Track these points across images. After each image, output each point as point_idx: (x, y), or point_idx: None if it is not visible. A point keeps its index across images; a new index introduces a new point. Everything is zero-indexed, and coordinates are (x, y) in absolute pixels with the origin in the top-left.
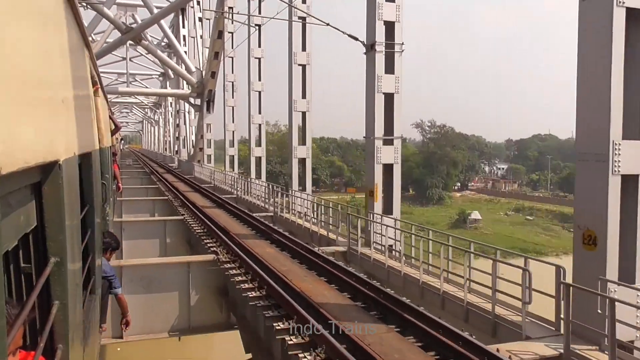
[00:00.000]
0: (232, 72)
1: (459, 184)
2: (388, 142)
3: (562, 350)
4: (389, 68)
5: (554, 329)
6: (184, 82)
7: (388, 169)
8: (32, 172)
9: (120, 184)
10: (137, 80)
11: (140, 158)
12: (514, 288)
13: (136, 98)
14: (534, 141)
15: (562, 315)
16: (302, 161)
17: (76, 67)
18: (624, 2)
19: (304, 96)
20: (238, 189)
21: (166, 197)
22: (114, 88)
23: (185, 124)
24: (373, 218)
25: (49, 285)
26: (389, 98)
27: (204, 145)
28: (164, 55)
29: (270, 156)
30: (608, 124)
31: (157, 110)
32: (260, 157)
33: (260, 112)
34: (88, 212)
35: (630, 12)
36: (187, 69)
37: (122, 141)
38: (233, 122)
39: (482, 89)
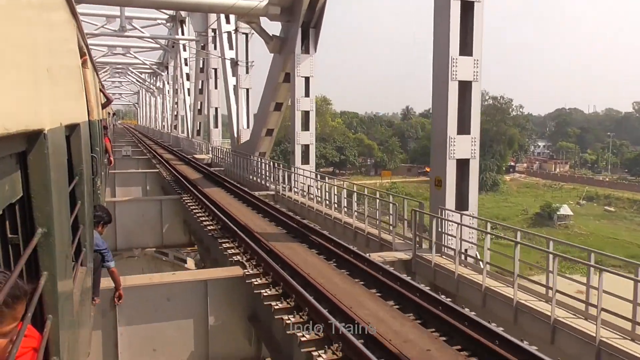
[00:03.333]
0: None
1: (511, 166)
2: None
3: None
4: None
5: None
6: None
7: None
8: (16, 141)
9: (112, 158)
10: (135, 28)
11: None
12: None
13: (131, 54)
14: (570, 115)
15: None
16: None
17: (62, 36)
18: None
19: None
20: None
21: None
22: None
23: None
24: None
25: (37, 256)
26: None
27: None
28: None
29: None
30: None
31: (162, 74)
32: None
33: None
34: (77, 184)
35: None
36: None
37: (114, 116)
38: None
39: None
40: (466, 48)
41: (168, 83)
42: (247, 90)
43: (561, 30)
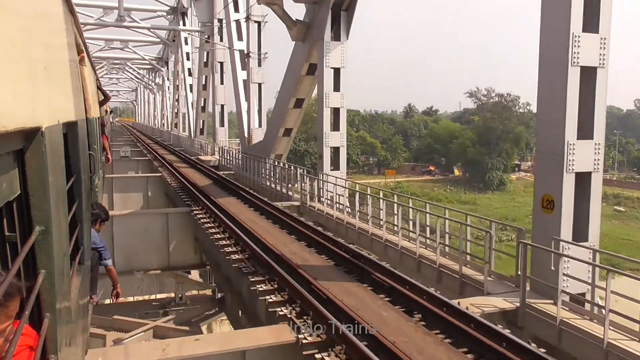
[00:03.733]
0: None
1: (516, 165)
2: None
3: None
4: None
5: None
6: None
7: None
8: (13, 138)
9: (109, 156)
10: (134, 20)
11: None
12: None
13: (130, 49)
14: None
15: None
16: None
17: (59, 33)
18: None
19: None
20: None
21: None
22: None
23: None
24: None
25: (35, 254)
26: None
27: None
28: None
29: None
30: None
31: (162, 69)
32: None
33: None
34: (75, 182)
35: None
36: None
37: (112, 113)
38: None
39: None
40: (591, 23)
41: (168, 79)
42: (260, 85)
43: None
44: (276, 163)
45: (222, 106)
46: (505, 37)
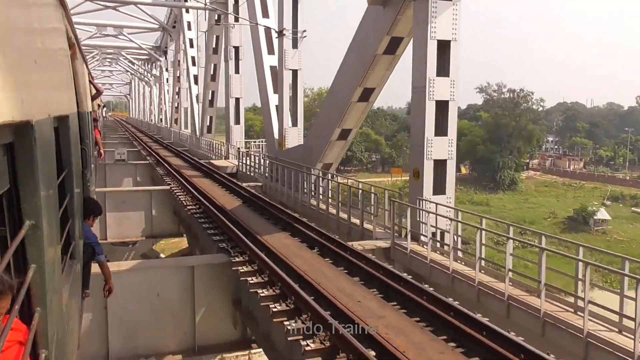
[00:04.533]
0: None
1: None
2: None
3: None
4: None
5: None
6: None
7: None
8: (3, 132)
9: (102, 150)
10: (130, 1)
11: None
12: None
13: (124, 36)
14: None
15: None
16: None
17: (50, 27)
18: None
19: None
20: None
21: None
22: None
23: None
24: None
25: (25, 249)
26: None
27: None
28: None
29: None
30: None
31: (160, 59)
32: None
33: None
34: (66, 176)
35: None
36: None
37: (105, 108)
38: None
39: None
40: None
41: (167, 70)
42: (296, 72)
43: (563, 24)
44: (334, 177)
45: (238, 100)
46: (505, 36)
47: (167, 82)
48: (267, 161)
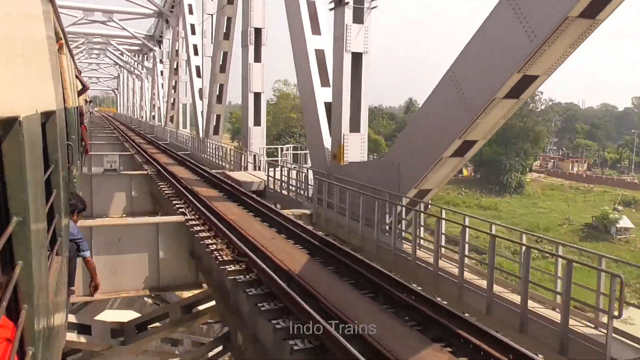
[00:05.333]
0: None
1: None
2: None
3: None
4: None
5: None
6: None
7: None
8: None
9: (88, 146)
10: None
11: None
12: None
13: (114, 22)
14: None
15: None
16: None
17: (37, 21)
18: None
19: None
20: None
21: None
22: None
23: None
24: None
25: (12, 245)
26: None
27: None
28: None
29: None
30: None
31: (154, 49)
32: None
33: None
34: (53, 172)
35: None
36: None
37: (91, 103)
38: None
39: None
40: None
41: (162, 62)
42: (359, 55)
43: None
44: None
45: (258, 95)
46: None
47: (162, 75)
48: (317, 180)
